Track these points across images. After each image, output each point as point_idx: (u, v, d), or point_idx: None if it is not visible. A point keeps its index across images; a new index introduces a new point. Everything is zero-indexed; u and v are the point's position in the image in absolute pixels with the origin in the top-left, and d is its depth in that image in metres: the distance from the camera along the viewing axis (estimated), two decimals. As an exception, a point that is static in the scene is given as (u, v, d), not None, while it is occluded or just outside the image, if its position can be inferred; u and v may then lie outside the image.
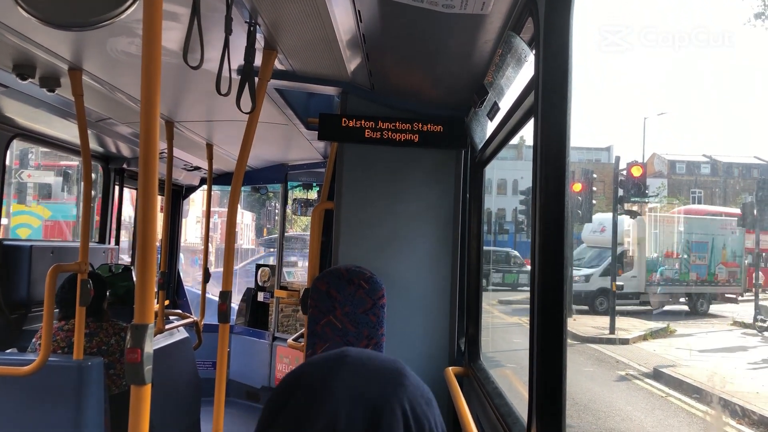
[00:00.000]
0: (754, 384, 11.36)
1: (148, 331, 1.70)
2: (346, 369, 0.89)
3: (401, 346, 3.73)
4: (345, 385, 0.86)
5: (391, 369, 0.92)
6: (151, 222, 1.74)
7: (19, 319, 4.69)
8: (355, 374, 0.88)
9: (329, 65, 3.25)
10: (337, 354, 0.92)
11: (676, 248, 25.60)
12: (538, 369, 1.77)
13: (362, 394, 0.86)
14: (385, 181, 3.82)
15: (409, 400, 0.88)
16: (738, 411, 9.86)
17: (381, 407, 0.85)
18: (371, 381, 0.88)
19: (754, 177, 40.87)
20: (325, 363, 0.91)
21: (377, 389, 0.87)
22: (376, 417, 0.84)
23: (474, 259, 3.76)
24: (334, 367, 0.89)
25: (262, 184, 7.74)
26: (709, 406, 10.33)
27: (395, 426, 0.85)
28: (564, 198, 1.76)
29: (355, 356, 0.91)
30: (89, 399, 3.38)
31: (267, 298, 7.43)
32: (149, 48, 1.72)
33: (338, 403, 0.84)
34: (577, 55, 1.77)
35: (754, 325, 18.56)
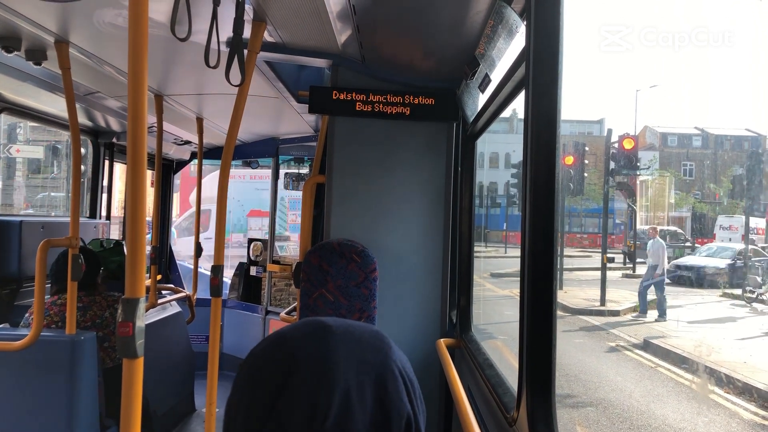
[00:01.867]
0: (742, 354, 11.52)
1: (139, 305, 1.70)
2: (338, 339, 0.87)
3: (393, 319, 3.76)
4: (346, 355, 0.85)
5: (375, 334, 0.93)
6: (140, 196, 1.73)
7: (11, 294, 4.69)
8: (348, 342, 0.87)
9: (319, 37, 3.22)
10: (318, 324, 0.90)
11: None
12: (528, 339, 1.79)
13: (364, 360, 0.86)
14: (377, 155, 3.81)
15: (399, 361, 0.91)
16: (723, 379, 10.02)
17: (382, 371, 0.87)
18: (365, 347, 0.88)
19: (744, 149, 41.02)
20: (314, 334, 0.88)
21: (373, 354, 0.88)
22: (381, 381, 0.86)
23: (465, 232, 3.77)
24: (326, 337, 0.87)
25: (253, 158, 7.69)
26: (696, 375, 10.49)
27: (399, 387, 0.87)
28: (555, 170, 1.76)
29: (338, 325, 0.90)
30: (82, 373, 3.40)
31: (259, 272, 7.44)
32: (136, 19, 1.70)
33: (347, 374, 0.84)
34: (568, 26, 1.76)
35: (742, 296, 18.76)
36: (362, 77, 3.70)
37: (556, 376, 1.78)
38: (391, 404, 0.85)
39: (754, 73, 54.79)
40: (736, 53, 67.81)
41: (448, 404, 3.72)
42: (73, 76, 3.45)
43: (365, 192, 3.81)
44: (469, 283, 3.73)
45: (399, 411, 0.86)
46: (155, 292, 5.03)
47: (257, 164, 8.16)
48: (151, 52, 1.77)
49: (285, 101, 4.64)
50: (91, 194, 6.18)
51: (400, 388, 0.87)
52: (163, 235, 7.41)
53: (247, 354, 0.91)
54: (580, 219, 42.64)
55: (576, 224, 42.68)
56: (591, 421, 8.22)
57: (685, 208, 41.78)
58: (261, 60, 3.55)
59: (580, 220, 42.76)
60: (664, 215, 40.74)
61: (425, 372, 3.80)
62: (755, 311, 17.43)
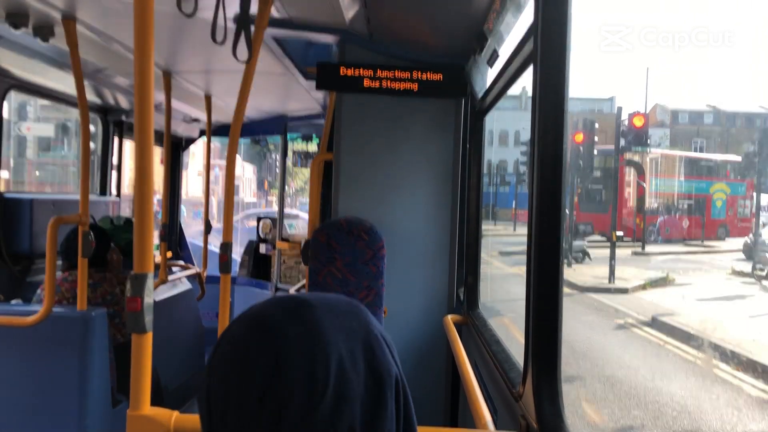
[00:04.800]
0: (751, 331, 11.51)
1: (147, 281, 1.71)
2: (320, 311, 0.87)
3: (401, 296, 3.78)
4: (332, 326, 0.86)
5: (350, 302, 0.93)
6: (147, 172, 1.74)
7: (23, 271, 4.73)
8: (330, 314, 0.88)
9: (327, 12, 3.19)
10: (297, 300, 0.89)
11: None
12: (534, 315, 1.79)
13: (349, 328, 0.87)
14: (385, 132, 3.80)
15: (377, 326, 0.92)
16: (732, 356, 10.02)
17: (367, 336, 0.88)
18: (346, 316, 0.89)
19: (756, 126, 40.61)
20: (295, 310, 0.87)
21: (356, 322, 0.89)
22: (368, 345, 0.87)
23: (473, 209, 3.76)
24: (309, 312, 0.87)
25: (261, 136, 7.69)
26: (703, 352, 10.49)
27: (384, 349, 0.89)
28: (562, 145, 1.75)
29: (315, 298, 0.90)
30: (94, 349, 3.44)
31: (269, 250, 7.47)
32: (141, -6, 1.69)
33: (337, 344, 0.84)
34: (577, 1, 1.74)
35: (752, 273, 18.69)
36: (370, 53, 3.68)
37: (562, 352, 1.79)
38: (381, 366, 0.87)
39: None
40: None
41: (455, 380, 3.74)
42: (81, 53, 3.45)
43: (373, 169, 3.80)
44: (477, 260, 3.74)
45: (388, 371, 0.87)
46: (165, 268, 5.07)
47: (265, 141, 8.16)
48: (157, 28, 1.77)
49: (293, 78, 4.62)
50: (101, 172, 6.20)
51: (385, 350, 0.89)
52: (172, 213, 7.44)
53: (222, 341, 0.88)
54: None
55: (585, 202, 42.46)
56: (598, 398, 8.26)
57: (696, 185, 41.43)
58: (269, 36, 3.53)
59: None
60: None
61: (432, 348, 3.82)
62: (766, 289, 17.39)
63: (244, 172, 36.68)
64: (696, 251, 25.04)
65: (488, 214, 30.70)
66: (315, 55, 4.30)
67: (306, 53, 4.33)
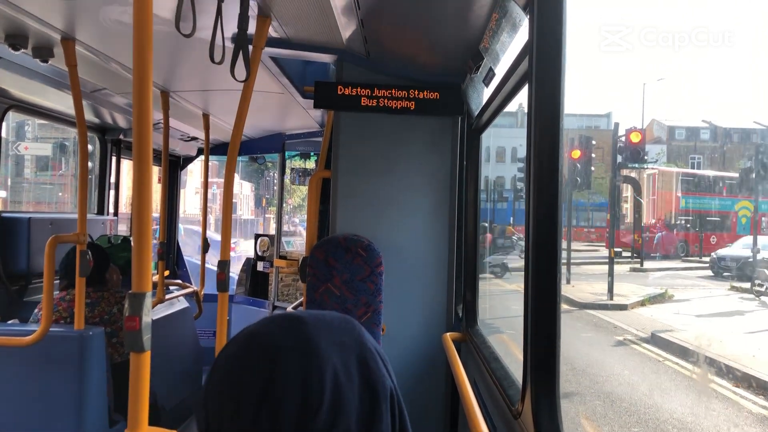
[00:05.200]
0: (750, 347, 11.48)
1: (145, 300, 1.72)
2: (314, 326, 0.89)
3: (399, 313, 3.77)
4: (326, 340, 0.87)
5: (343, 317, 0.95)
6: (146, 191, 1.74)
7: (20, 291, 4.72)
8: (324, 329, 0.89)
9: (324, 32, 3.22)
10: (290, 317, 0.91)
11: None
12: (532, 332, 1.79)
13: (342, 343, 0.89)
14: (382, 149, 3.82)
15: (370, 339, 0.93)
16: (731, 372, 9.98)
17: (361, 350, 0.90)
18: (340, 330, 0.91)
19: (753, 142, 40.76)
20: (289, 326, 0.89)
21: (349, 336, 0.91)
22: (362, 359, 0.89)
23: (471, 226, 3.77)
24: (302, 327, 0.88)
25: (259, 154, 7.71)
26: (703, 368, 10.46)
27: (378, 363, 0.90)
28: (558, 163, 1.77)
29: (308, 314, 0.92)
30: (91, 368, 3.42)
31: (266, 267, 7.46)
32: (140, 16, 1.71)
33: (331, 357, 0.86)
34: (573, 20, 1.76)
35: (751, 289, 18.67)
36: (367, 72, 3.71)
37: (561, 368, 1.78)
38: (376, 380, 0.88)
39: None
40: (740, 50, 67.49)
41: (454, 397, 3.73)
42: (80, 73, 3.47)
43: (371, 186, 3.82)
44: (475, 277, 3.74)
45: (383, 384, 0.89)
46: (163, 287, 5.06)
47: (263, 160, 8.18)
48: (156, 48, 1.78)
49: (291, 97, 4.65)
50: (98, 191, 6.21)
51: (380, 363, 0.90)
52: (170, 231, 7.44)
53: (218, 358, 0.90)
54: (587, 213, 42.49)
55: (583, 218, 42.54)
56: (598, 415, 8.21)
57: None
58: (266, 56, 3.56)
59: (587, 214, 42.62)
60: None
61: (431, 365, 3.81)
62: (764, 305, 17.36)
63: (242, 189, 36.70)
64: (695, 266, 25.01)
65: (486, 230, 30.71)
66: (312, 74, 4.33)
67: (303, 72, 4.36)
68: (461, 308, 3.80)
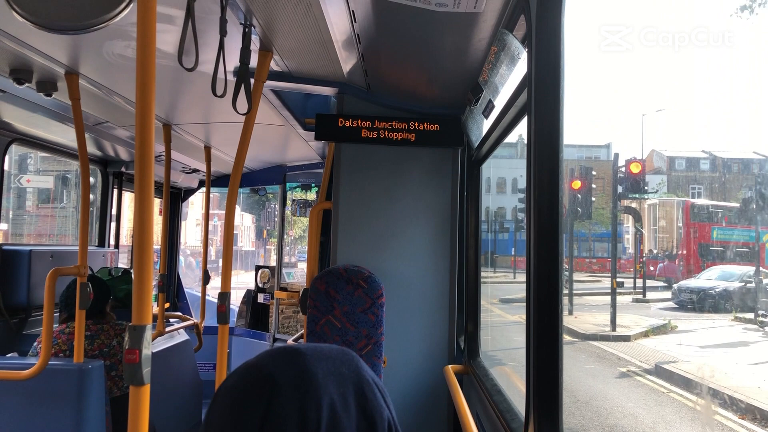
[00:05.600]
0: (755, 379, 11.36)
1: (146, 332, 1.71)
2: (311, 358, 0.90)
3: (401, 345, 3.75)
4: (323, 371, 0.89)
5: (341, 349, 0.96)
6: (147, 223, 1.75)
7: (20, 324, 4.70)
8: (321, 360, 0.90)
9: (325, 66, 3.26)
10: (287, 349, 0.93)
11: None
12: (535, 364, 1.78)
13: (340, 374, 0.90)
14: (383, 180, 3.84)
15: (368, 371, 0.95)
16: (740, 406, 9.87)
17: (359, 381, 0.91)
18: (338, 362, 0.92)
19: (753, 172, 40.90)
20: (287, 358, 0.90)
21: (347, 367, 0.92)
22: (360, 390, 0.90)
23: (472, 257, 3.77)
24: (300, 358, 0.90)
25: (260, 186, 7.74)
26: (708, 400, 10.34)
27: (376, 393, 0.92)
28: (558, 195, 1.77)
29: (306, 347, 0.93)
30: (90, 402, 3.39)
31: (267, 299, 7.43)
32: (144, 50, 1.73)
33: (328, 388, 0.87)
34: (573, 53, 1.78)
35: (755, 320, 18.56)
36: (367, 104, 3.74)
37: (564, 401, 1.77)
38: (374, 410, 0.89)
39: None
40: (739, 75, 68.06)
41: (456, 430, 3.68)
42: (83, 106, 3.50)
43: (372, 217, 3.82)
44: (477, 308, 3.72)
45: (381, 414, 0.90)
46: (163, 320, 5.03)
47: (264, 191, 8.20)
48: (158, 81, 1.80)
49: (292, 129, 4.68)
50: (99, 223, 6.22)
51: (377, 394, 0.92)
52: (171, 263, 7.43)
53: (217, 392, 0.92)
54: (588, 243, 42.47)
55: (584, 249, 42.50)
56: (603, 449, 8.10)
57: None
58: (268, 89, 3.60)
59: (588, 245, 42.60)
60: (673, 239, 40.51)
61: (433, 398, 3.77)
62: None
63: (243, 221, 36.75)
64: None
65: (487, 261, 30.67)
66: (314, 107, 4.37)
67: (305, 105, 4.40)
68: (463, 340, 3.78)
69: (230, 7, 2.37)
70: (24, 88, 3.40)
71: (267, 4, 2.43)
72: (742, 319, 19.37)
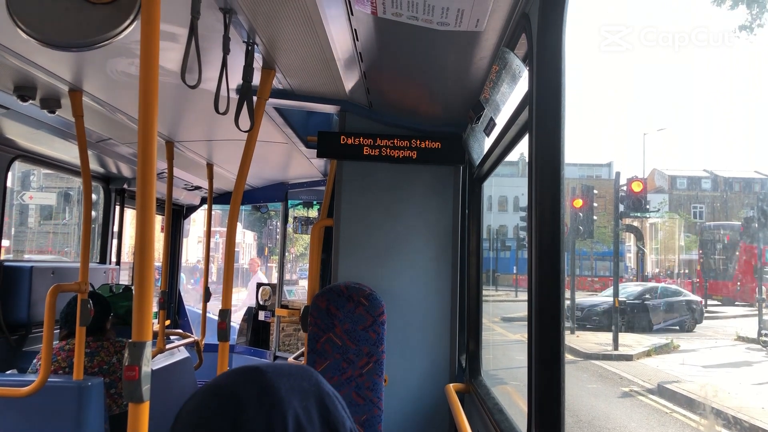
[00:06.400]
0: (759, 399, 11.28)
1: (145, 349, 1.70)
2: (272, 375, 0.92)
3: (402, 363, 3.73)
4: (286, 387, 0.90)
5: (300, 365, 0.99)
6: (148, 240, 1.74)
7: (20, 340, 4.68)
8: (282, 376, 0.92)
9: (327, 84, 3.27)
10: (247, 368, 0.94)
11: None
12: (536, 384, 1.77)
13: (301, 388, 0.92)
14: (384, 198, 3.84)
15: (327, 385, 0.97)
16: (743, 426, 9.79)
17: (320, 394, 0.93)
18: (298, 377, 0.94)
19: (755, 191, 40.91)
20: (247, 376, 0.92)
21: (307, 382, 0.94)
22: (322, 403, 0.92)
23: (473, 275, 3.76)
24: (261, 376, 0.91)
25: (262, 203, 7.75)
26: (710, 420, 10.26)
27: (337, 405, 0.94)
28: (560, 213, 1.77)
29: (266, 365, 0.95)
30: (89, 419, 3.37)
31: (268, 317, 7.41)
32: (147, 68, 1.74)
33: (292, 403, 0.88)
34: (574, 71, 1.79)
35: (758, 339, 18.47)
36: (369, 122, 3.75)
37: (566, 420, 1.75)
38: (336, 421, 0.92)
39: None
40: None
41: (458, 451, 3.65)
42: (86, 123, 3.52)
43: (373, 235, 3.82)
44: (478, 326, 3.71)
45: (344, 425, 0.93)
46: (163, 337, 5.01)
47: (266, 209, 8.21)
48: (161, 99, 1.81)
49: (294, 146, 4.70)
50: (101, 239, 6.22)
51: (338, 406, 0.94)
52: (172, 280, 7.41)
53: (180, 414, 0.92)
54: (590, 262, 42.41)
55: (586, 267, 42.42)
56: (605, 469, 8.02)
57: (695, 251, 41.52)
58: (270, 106, 3.61)
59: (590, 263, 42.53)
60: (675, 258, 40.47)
61: (434, 417, 3.75)
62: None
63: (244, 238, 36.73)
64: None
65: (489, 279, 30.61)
66: (315, 124, 4.38)
67: (307, 122, 4.41)
68: (465, 358, 3.76)
69: (233, 25, 2.39)
70: (28, 105, 3.42)
71: (270, 23, 2.45)
72: (745, 338, 19.29)
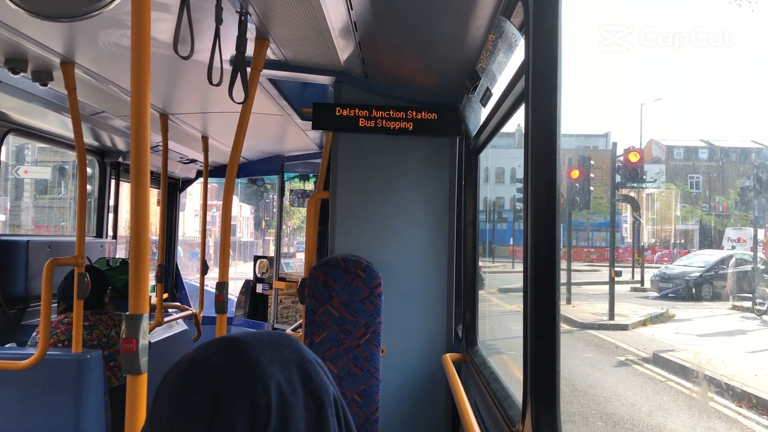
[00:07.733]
0: (753, 367, 11.42)
1: (143, 322, 1.71)
2: (252, 345, 0.90)
3: (399, 334, 3.75)
4: (267, 356, 0.89)
5: (280, 333, 0.97)
6: (143, 213, 1.74)
7: (18, 314, 4.70)
8: (263, 346, 0.90)
9: (322, 54, 3.24)
10: (227, 339, 0.92)
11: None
12: (532, 352, 1.78)
13: (282, 356, 0.91)
14: (381, 170, 3.83)
15: (308, 351, 0.96)
16: (737, 393, 9.92)
17: (301, 361, 0.92)
18: (279, 346, 0.92)
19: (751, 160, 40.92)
20: (227, 347, 0.89)
21: (288, 350, 0.93)
22: (304, 370, 0.91)
23: (470, 246, 3.77)
24: (241, 347, 0.89)
25: (258, 176, 7.73)
26: (704, 388, 10.40)
27: (319, 371, 0.93)
28: (556, 184, 1.76)
29: (245, 334, 0.93)
30: (89, 392, 3.39)
31: (265, 289, 7.44)
32: (139, 39, 1.72)
33: (273, 372, 0.87)
34: (571, 41, 1.78)
35: (752, 308, 18.62)
36: (365, 93, 3.73)
37: (562, 389, 1.77)
38: (318, 387, 0.91)
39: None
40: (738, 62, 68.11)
41: (454, 419, 3.70)
42: (79, 96, 3.49)
43: (369, 207, 3.82)
44: (474, 297, 3.73)
45: (326, 390, 0.92)
46: (161, 310, 5.03)
47: (262, 182, 8.20)
48: (154, 71, 1.79)
49: (289, 118, 4.67)
50: (97, 213, 6.21)
51: (320, 372, 0.93)
52: (169, 254, 7.42)
53: (160, 389, 0.90)
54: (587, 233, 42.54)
55: (583, 238, 42.57)
56: (601, 436, 8.15)
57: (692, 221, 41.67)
58: (264, 78, 3.58)
59: (587, 234, 42.66)
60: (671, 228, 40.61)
61: (431, 387, 3.78)
62: (766, 323, 17.30)
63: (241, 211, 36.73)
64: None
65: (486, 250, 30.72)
66: (311, 96, 4.35)
67: (302, 94, 4.38)
68: (461, 329, 3.79)
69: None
70: (19, 77, 3.39)
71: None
72: (740, 307, 19.45)
